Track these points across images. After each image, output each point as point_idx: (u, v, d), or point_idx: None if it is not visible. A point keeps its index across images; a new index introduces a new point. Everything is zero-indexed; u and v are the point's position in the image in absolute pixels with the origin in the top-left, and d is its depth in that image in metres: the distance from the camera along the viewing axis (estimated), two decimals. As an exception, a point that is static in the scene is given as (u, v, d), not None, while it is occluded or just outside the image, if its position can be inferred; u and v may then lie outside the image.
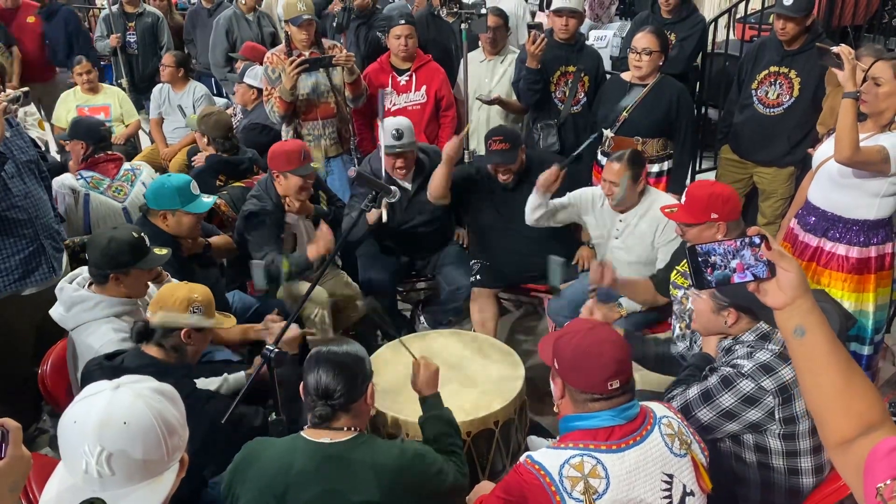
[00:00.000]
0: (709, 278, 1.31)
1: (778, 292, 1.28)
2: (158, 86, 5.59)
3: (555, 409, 1.99)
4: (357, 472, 1.93)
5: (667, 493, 1.82)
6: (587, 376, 1.84)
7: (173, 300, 2.42)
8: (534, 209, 3.47)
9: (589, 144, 3.85)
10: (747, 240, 1.29)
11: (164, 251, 2.76)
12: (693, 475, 1.87)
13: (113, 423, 1.35)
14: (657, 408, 1.95)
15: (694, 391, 2.22)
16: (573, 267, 3.76)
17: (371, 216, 3.54)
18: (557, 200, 3.49)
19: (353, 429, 2.00)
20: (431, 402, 2.37)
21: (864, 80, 2.93)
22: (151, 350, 2.43)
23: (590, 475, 1.77)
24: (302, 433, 2.01)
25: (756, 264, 1.29)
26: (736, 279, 1.29)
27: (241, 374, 2.66)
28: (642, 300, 3.17)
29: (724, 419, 2.16)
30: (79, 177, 3.66)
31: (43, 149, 4.92)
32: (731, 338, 2.29)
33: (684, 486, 1.85)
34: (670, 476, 1.83)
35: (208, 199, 3.17)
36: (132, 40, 6.35)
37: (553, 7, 4.22)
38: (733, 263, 1.29)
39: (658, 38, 3.79)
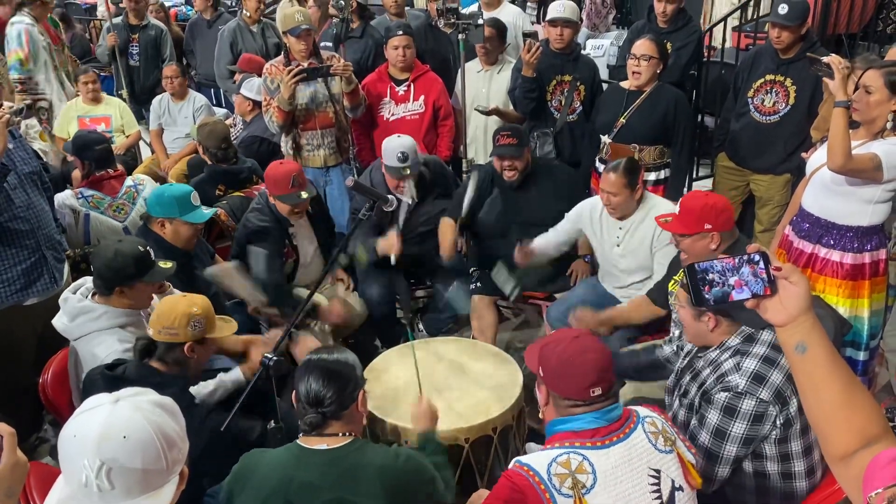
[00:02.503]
0: (706, 296, 1.32)
1: (780, 308, 1.28)
2: (158, 97, 5.63)
3: (540, 415, 2.03)
4: (359, 477, 1.95)
5: (655, 488, 1.85)
6: (570, 383, 1.89)
7: (174, 316, 2.41)
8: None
9: (583, 150, 3.88)
10: (746, 257, 1.29)
11: (169, 264, 2.77)
12: (680, 471, 1.91)
13: (112, 436, 1.35)
14: (640, 409, 1.99)
15: (704, 437, 2.18)
16: (567, 278, 3.79)
17: (381, 248, 3.58)
18: (560, 229, 3.55)
19: (348, 434, 2.02)
20: (428, 436, 2.37)
21: (857, 88, 2.96)
22: (154, 363, 2.45)
23: (577, 471, 1.81)
24: (298, 441, 2.03)
25: (754, 281, 1.28)
26: (734, 296, 1.29)
27: (237, 371, 2.64)
28: (642, 319, 3.20)
29: (746, 446, 2.15)
30: (79, 196, 3.63)
31: (45, 160, 4.95)
32: (714, 349, 2.28)
33: (673, 482, 1.89)
34: (657, 471, 1.87)
35: (207, 211, 3.19)
36: (135, 52, 6.38)
37: (548, 17, 4.26)
38: (731, 281, 1.29)
39: (657, 45, 3.83)
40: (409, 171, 3.60)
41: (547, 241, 3.57)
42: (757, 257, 1.29)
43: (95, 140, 3.79)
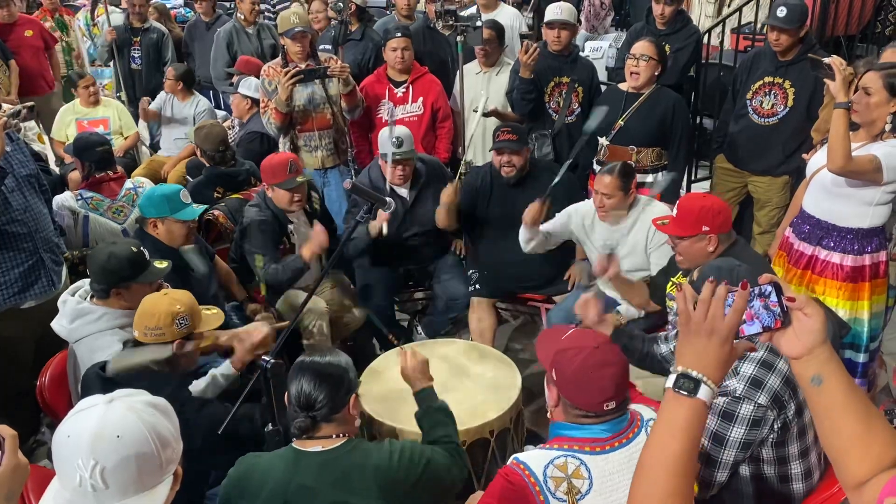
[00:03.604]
0: None
1: (795, 341, 1.24)
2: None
3: (548, 415, 2.01)
4: (354, 478, 1.95)
5: None
6: (585, 396, 1.86)
7: (158, 316, 2.39)
8: (526, 241, 3.52)
9: (581, 151, 3.87)
10: (757, 290, 1.26)
11: (164, 264, 2.77)
12: None
13: (106, 436, 1.36)
14: (645, 410, 1.97)
15: (702, 442, 2.14)
16: (565, 283, 3.79)
17: (372, 228, 3.56)
18: (548, 225, 3.53)
19: (341, 435, 2.01)
20: (424, 395, 2.35)
21: (857, 89, 2.96)
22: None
23: (573, 476, 1.80)
24: (293, 444, 2.02)
25: (766, 314, 1.25)
26: (745, 330, 1.26)
27: (227, 364, 2.62)
28: (636, 302, 3.19)
29: (744, 450, 2.13)
30: (78, 198, 3.63)
31: (43, 162, 4.94)
32: None
33: None
34: None
35: (198, 208, 3.19)
36: (136, 55, 6.37)
37: (545, 19, 4.26)
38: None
39: (656, 47, 3.84)
40: (403, 156, 3.61)
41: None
42: (768, 289, 1.25)
43: (97, 141, 3.80)
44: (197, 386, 2.52)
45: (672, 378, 1.23)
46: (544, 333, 2.08)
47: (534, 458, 1.84)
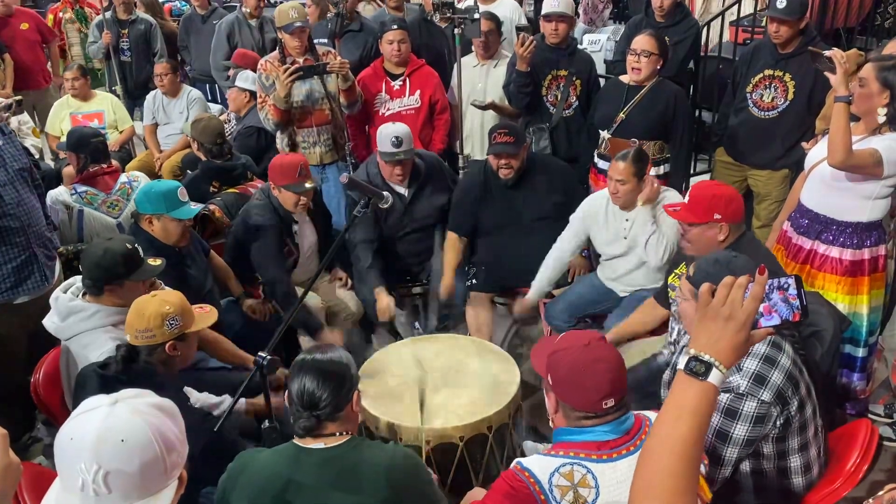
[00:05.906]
0: None
1: None
2: (152, 93, 5.60)
3: (549, 423, 1.97)
4: (357, 475, 1.92)
5: None
6: (581, 395, 1.81)
7: (147, 318, 2.37)
8: (551, 283, 3.59)
9: (582, 145, 3.86)
10: (776, 283, 1.25)
11: (158, 262, 2.75)
12: None
13: (110, 440, 1.32)
14: (654, 416, 1.94)
15: (706, 440, 2.12)
16: (563, 276, 3.77)
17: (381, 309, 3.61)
18: (561, 246, 3.54)
19: (345, 433, 1.99)
20: None
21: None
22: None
23: (579, 484, 1.75)
24: (294, 441, 2.00)
25: (785, 307, 1.24)
26: (763, 323, 1.25)
27: (243, 402, 2.63)
28: (652, 326, 3.18)
29: (748, 447, 2.11)
30: (73, 192, 3.60)
31: (37, 157, 4.91)
32: None
33: None
34: None
35: (195, 207, 3.16)
36: (125, 47, 6.35)
37: (542, 12, 4.23)
38: (761, 307, 1.24)
39: (658, 41, 3.81)
40: (402, 156, 3.59)
41: (542, 281, 3.56)
42: (788, 282, 1.25)
43: (91, 134, 3.78)
44: (207, 400, 2.52)
45: (684, 360, 1.22)
46: (538, 344, 2.05)
47: (538, 465, 1.79)
